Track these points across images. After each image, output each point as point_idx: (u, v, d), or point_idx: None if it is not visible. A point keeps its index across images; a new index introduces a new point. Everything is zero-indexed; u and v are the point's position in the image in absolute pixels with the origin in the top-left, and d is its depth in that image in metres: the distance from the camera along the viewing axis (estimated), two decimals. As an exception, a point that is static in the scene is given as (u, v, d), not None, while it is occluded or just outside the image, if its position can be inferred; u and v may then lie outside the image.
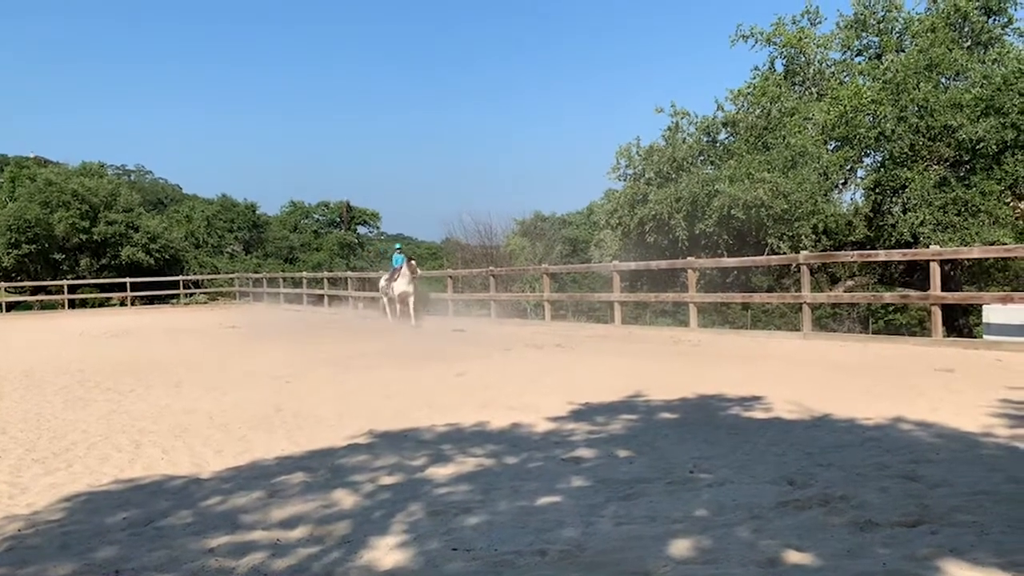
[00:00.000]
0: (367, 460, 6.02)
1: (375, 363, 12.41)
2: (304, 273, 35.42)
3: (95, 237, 37.73)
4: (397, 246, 24.12)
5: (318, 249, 48.44)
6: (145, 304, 36.59)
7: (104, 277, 37.80)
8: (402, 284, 20.37)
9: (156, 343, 17.53)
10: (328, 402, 8.83)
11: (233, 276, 40.40)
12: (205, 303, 38.05)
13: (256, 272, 40.09)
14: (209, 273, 41.68)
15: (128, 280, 36.30)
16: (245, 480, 5.61)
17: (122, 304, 36.28)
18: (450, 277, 24.09)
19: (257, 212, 49.29)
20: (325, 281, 32.17)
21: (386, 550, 4.04)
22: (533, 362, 12.14)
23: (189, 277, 39.49)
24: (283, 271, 39.80)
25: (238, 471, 5.90)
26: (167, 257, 40.01)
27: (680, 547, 3.89)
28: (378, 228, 56.59)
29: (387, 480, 5.43)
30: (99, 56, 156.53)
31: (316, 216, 54.14)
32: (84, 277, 37.72)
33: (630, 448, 6.07)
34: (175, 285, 38.19)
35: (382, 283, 22.11)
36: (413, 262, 20.84)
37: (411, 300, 20.33)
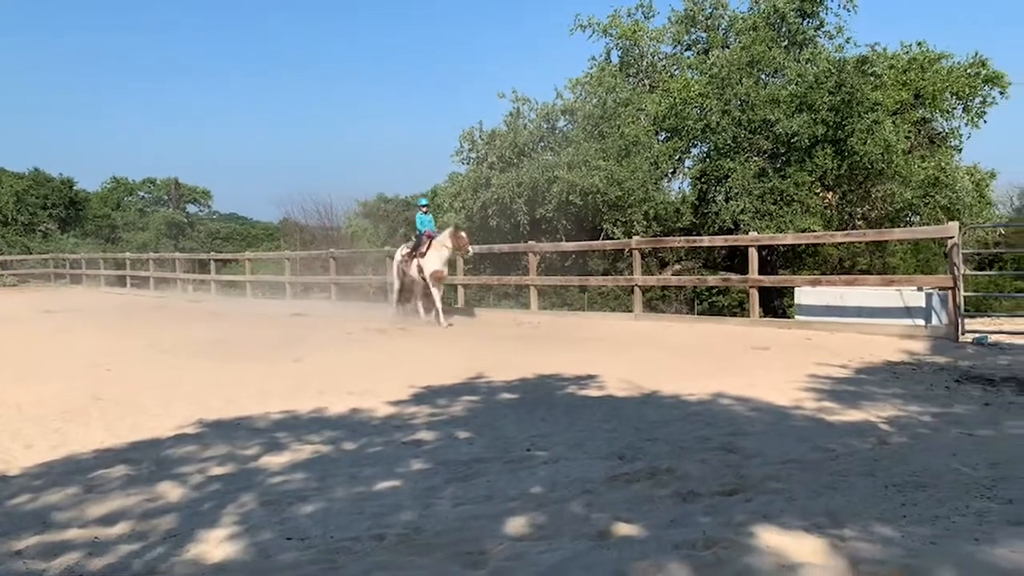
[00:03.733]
0: (196, 451, 5.76)
1: (206, 349, 11.86)
2: (128, 254, 33.27)
3: None
4: (422, 202, 17.00)
5: (143, 229, 45.39)
6: (-57, 287, 33.32)
7: None
8: (435, 261, 14.78)
9: (-45, 330, 15.95)
10: (153, 390, 8.35)
11: (47, 256, 37.35)
12: (15, 285, 34.95)
13: (73, 252, 37.24)
14: (19, 254, 38.31)
15: (-78, 261, 32.88)
16: (59, 475, 5.22)
17: (-85, 287, 32.80)
18: (288, 259, 23.39)
19: (75, 188, 45.57)
20: (151, 263, 30.38)
21: (215, 543, 3.88)
22: (375, 346, 12.01)
23: (-5, 257, 36.17)
24: (104, 252, 37.09)
25: (51, 466, 5.49)
26: (-31, 236, 36.47)
27: (516, 524, 3.98)
28: (210, 207, 53.62)
29: (217, 471, 5.22)
30: None
31: (141, 193, 50.78)
32: None
33: (470, 429, 6.14)
34: (-21, 266, 34.91)
35: (398, 257, 15.94)
36: (463, 233, 15.14)
37: (441, 287, 15.12)
